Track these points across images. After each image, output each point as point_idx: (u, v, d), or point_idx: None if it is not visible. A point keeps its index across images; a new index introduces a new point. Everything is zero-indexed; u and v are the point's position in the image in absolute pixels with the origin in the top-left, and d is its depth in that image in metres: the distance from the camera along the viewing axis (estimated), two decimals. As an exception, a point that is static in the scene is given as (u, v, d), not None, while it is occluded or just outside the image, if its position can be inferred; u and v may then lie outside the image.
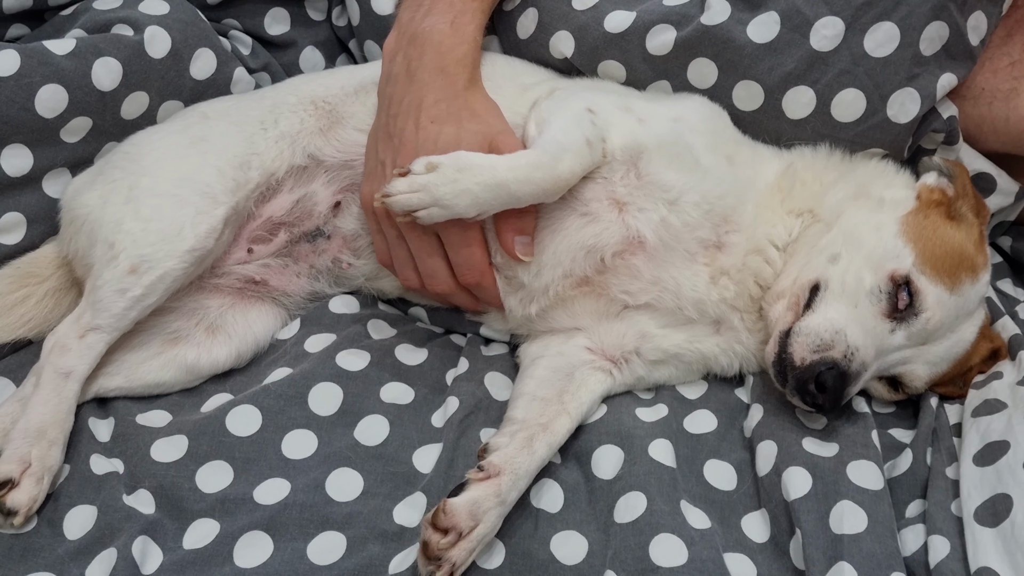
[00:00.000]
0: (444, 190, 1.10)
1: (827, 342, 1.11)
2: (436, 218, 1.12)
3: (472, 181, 1.10)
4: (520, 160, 1.12)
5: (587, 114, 1.17)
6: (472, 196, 1.10)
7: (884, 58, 1.23)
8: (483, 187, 1.10)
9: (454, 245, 1.17)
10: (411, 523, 1.06)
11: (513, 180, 1.11)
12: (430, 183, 1.10)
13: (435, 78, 1.19)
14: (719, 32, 1.26)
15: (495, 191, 1.10)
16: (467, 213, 1.11)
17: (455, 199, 1.10)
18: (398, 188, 1.11)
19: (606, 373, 1.21)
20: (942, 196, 1.21)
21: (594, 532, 1.05)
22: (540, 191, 1.13)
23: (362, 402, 1.18)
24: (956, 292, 1.14)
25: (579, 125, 1.15)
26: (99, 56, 1.24)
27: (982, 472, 1.04)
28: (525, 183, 1.11)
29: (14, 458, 1.05)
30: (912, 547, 1.02)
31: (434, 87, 1.18)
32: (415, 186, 1.10)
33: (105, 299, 1.14)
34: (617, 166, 1.17)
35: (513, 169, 1.11)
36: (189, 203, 1.19)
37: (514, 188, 1.11)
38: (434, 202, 1.10)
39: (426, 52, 1.20)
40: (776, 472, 1.08)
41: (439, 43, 1.21)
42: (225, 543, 1.02)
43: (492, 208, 1.12)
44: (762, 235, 1.21)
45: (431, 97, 1.18)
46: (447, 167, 1.10)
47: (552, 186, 1.13)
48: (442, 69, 1.19)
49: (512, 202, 1.13)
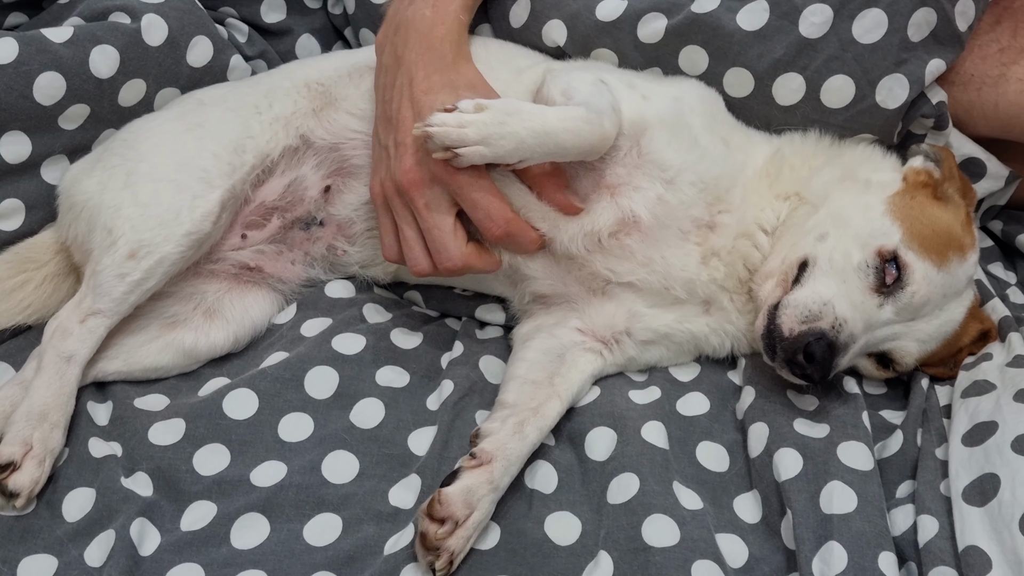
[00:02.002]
0: (492, 130, 1.07)
1: (815, 313, 1.11)
2: (476, 158, 1.09)
3: (521, 125, 1.08)
4: (572, 113, 1.11)
5: (603, 84, 1.17)
6: (518, 140, 1.08)
7: (872, 44, 1.23)
8: (531, 132, 1.08)
9: (476, 202, 1.13)
10: (406, 504, 1.07)
11: (563, 130, 1.09)
12: (478, 121, 1.08)
13: (422, 55, 1.19)
14: (709, 20, 1.26)
15: (542, 138, 1.09)
16: (509, 158, 1.10)
17: (501, 140, 1.08)
18: (443, 120, 1.07)
19: (596, 354, 1.22)
20: (928, 178, 1.22)
21: (587, 512, 1.06)
22: (587, 146, 1.12)
23: (358, 385, 1.18)
24: (943, 269, 1.15)
25: (602, 93, 1.15)
26: (97, 44, 1.24)
27: (970, 452, 1.05)
28: (574, 135, 1.10)
29: (16, 441, 1.05)
30: (902, 527, 1.03)
31: (422, 63, 1.18)
32: (462, 121, 1.08)
33: (105, 284, 1.15)
34: (623, 141, 1.17)
35: (564, 120, 1.10)
36: (186, 188, 1.20)
37: (562, 138, 1.09)
38: (480, 140, 1.07)
39: (411, 36, 1.21)
40: (767, 453, 1.09)
41: (421, 26, 1.21)
42: (222, 524, 1.03)
43: (534, 156, 1.11)
44: (751, 219, 1.22)
45: (421, 73, 1.18)
46: (496, 109, 1.09)
47: (599, 142, 1.12)
48: (428, 47, 1.19)
49: (555, 153, 1.11)
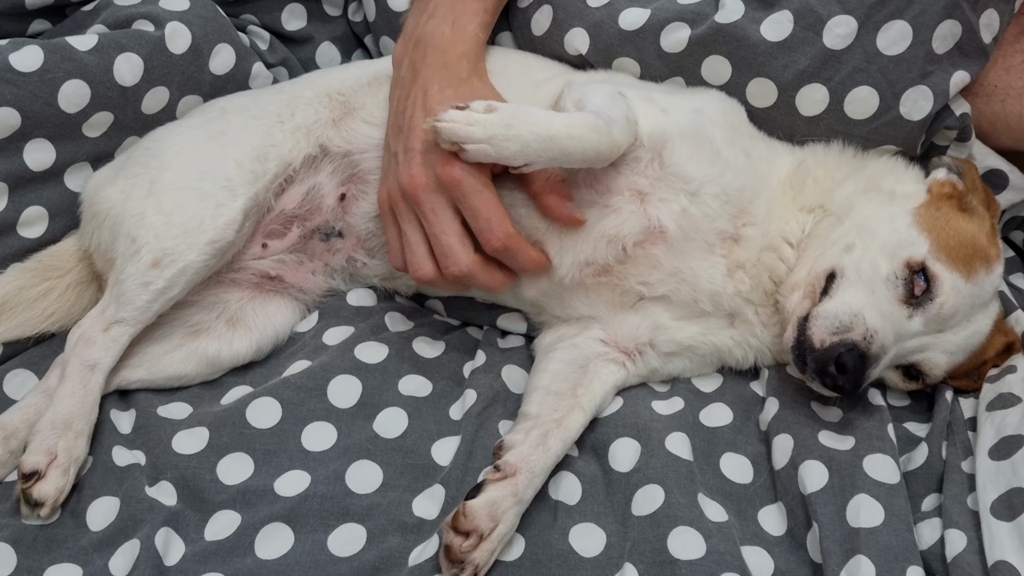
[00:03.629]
0: (498, 130, 1.08)
1: (846, 324, 1.10)
2: (481, 156, 1.10)
3: (527, 129, 1.09)
4: (578, 119, 1.11)
5: (620, 96, 1.17)
6: (523, 143, 1.09)
7: (897, 56, 1.23)
8: (536, 137, 1.09)
9: (477, 210, 1.13)
10: (430, 515, 1.06)
11: (568, 136, 1.10)
12: (486, 120, 1.09)
13: (438, 72, 1.20)
14: (733, 30, 1.26)
15: (547, 143, 1.09)
16: (513, 160, 1.10)
17: (506, 142, 1.09)
18: (452, 117, 1.09)
19: (619, 365, 1.22)
20: (952, 190, 1.22)
21: (612, 524, 1.05)
22: (592, 153, 1.12)
23: (381, 394, 1.18)
24: (971, 280, 1.15)
25: (617, 103, 1.15)
26: (121, 52, 1.24)
27: (998, 466, 1.04)
28: (579, 141, 1.10)
29: (41, 449, 1.05)
30: (928, 540, 1.03)
31: (437, 78, 1.19)
32: (471, 120, 1.09)
33: (129, 292, 1.15)
34: (643, 153, 1.17)
35: (570, 126, 1.10)
36: (209, 196, 1.20)
37: (567, 144, 1.10)
38: (486, 139, 1.08)
39: (428, 53, 1.21)
40: (792, 465, 1.09)
41: (440, 43, 1.22)
42: (246, 534, 1.03)
43: (539, 160, 1.11)
44: (776, 232, 1.22)
45: (435, 86, 1.18)
46: (505, 111, 1.10)
47: (606, 150, 1.13)
48: (444, 64, 1.20)
49: (559, 158, 1.11)
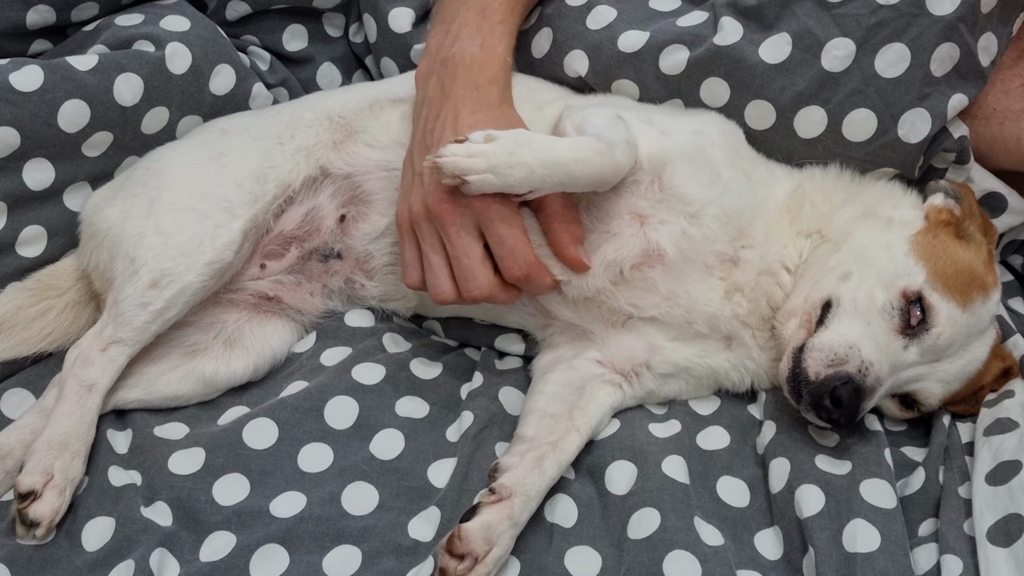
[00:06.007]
0: (501, 159, 1.08)
1: (841, 357, 1.11)
2: (486, 187, 1.09)
3: (530, 155, 1.09)
4: (582, 143, 1.11)
5: (619, 119, 1.17)
6: (528, 169, 1.09)
7: (895, 78, 1.23)
8: (541, 163, 1.09)
9: (503, 238, 1.13)
10: (426, 537, 1.06)
11: (573, 160, 1.10)
12: (487, 151, 1.09)
13: (470, 93, 1.19)
14: (731, 52, 1.27)
15: (552, 168, 1.09)
16: (519, 187, 1.10)
17: (510, 170, 1.08)
18: (452, 151, 1.09)
19: (616, 387, 1.21)
20: (950, 216, 1.22)
21: (608, 548, 1.05)
22: (598, 176, 1.12)
23: (377, 416, 1.18)
24: (967, 309, 1.15)
25: (617, 127, 1.16)
26: (121, 72, 1.25)
27: (994, 492, 1.04)
28: (584, 165, 1.10)
29: (37, 470, 1.05)
30: (925, 566, 1.02)
31: (469, 101, 1.19)
32: (471, 152, 1.09)
33: (127, 313, 1.15)
34: (643, 176, 1.17)
35: (574, 150, 1.10)
36: (209, 217, 1.20)
37: (572, 168, 1.10)
38: (489, 169, 1.08)
39: (459, 73, 1.21)
40: (789, 489, 1.09)
41: (471, 64, 1.21)
42: (241, 556, 1.03)
43: (544, 187, 1.11)
44: (774, 256, 1.21)
45: (467, 109, 1.18)
46: (507, 139, 1.10)
47: (610, 173, 1.13)
48: (476, 86, 1.20)
49: (565, 183, 1.12)
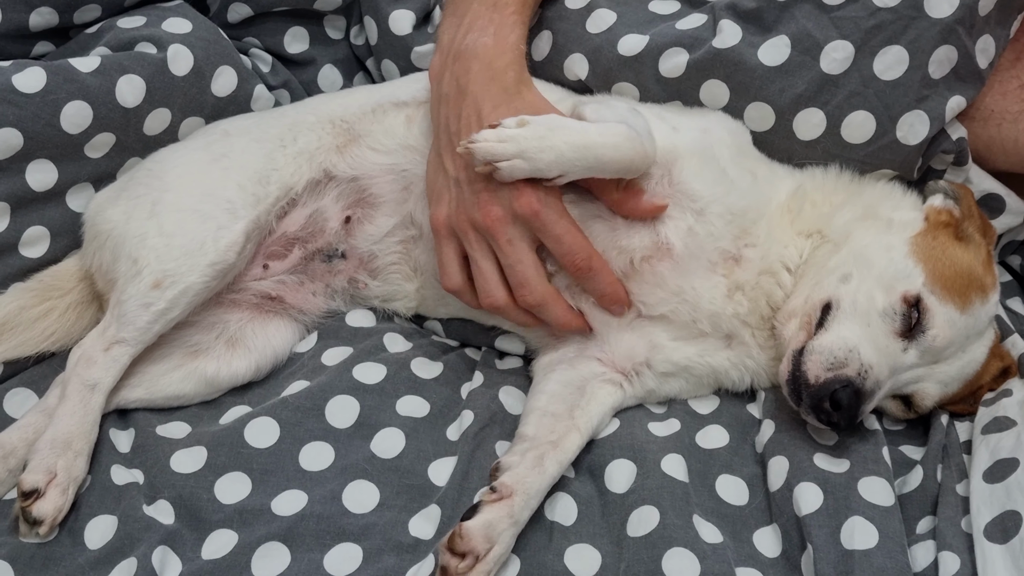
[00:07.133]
0: (531, 143, 1.10)
1: (841, 360, 1.11)
2: (517, 172, 1.10)
3: (561, 139, 1.10)
4: (611, 128, 1.12)
5: (637, 112, 1.18)
6: (557, 153, 1.10)
7: (893, 80, 1.24)
8: (571, 146, 1.10)
9: (560, 237, 1.14)
10: (426, 535, 1.07)
11: (603, 145, 1.11)
12: (519, 135, 1.10)
13: (487, 86, 1.20)
14: (731, 55, 1.27)
15: (582, 152, 1.11)
16: (549, 171, 1.11)
17: (540, 153, 1.10)
18: (485, 137, 1.10)
19: (616, 386, 1.22)
20: (949, 217, 1.22)
21: (607, 545, 1.06)
22: (626, 162, 1.13)
23: (378, 415, 1.19)
24: (966, 312, 1.15)
25: (637, 117, 1.16)
26: (123, 73, 1.26)
27: (991, 489, 1.04)
28: (614, 150, 1.11)
29: (40, 468, 1.06)
30: (922, 563, 1.03)
31: (489, 95, 1.19)
32: (503, 136, 1.10)
33: (130, 313, 1.16)
34: (656, 169, 1.18)
35: (604, 135, 1.11)
36: (211, 218, 1.21)
37: (602, 153, 1.11)
38: (518, 153, 1.09)
39: (472, 66, 1.21)
40: (788, 487, 1.09)
41: (484, 55, 1.21)
42: (243, 553, 1.03)
43: (574, 171, 1.12)
44: (775, 256, 1.22)
45: (489, 104, 1.18)
46: (538, 124, 1.11)
47: (639, 160, 1.13)
48: (491, 77, 1.20)
49: (595, 168, 1.12)
